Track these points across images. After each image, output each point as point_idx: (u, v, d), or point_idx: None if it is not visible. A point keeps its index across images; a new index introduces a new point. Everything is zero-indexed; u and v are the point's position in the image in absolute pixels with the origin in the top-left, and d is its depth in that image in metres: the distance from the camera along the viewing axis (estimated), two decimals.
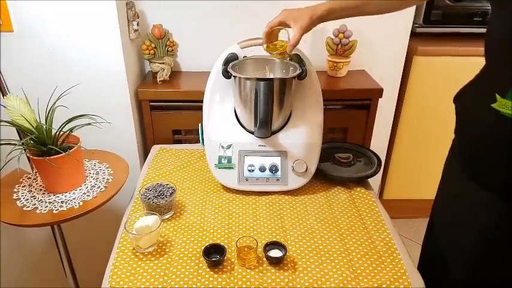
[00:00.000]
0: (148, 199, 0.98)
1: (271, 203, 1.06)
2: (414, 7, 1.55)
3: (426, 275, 0.87)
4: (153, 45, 1.42)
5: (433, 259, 0.98)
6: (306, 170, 1.09)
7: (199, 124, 1.15)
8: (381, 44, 1.58)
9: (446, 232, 0.92)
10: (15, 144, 0.96)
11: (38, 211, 0.98)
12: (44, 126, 1.00)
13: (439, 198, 0.97)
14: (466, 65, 1.53)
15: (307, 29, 0.96)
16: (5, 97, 0.98)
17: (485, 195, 0.79)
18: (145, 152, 1.48)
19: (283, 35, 1.03)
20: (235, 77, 1.04)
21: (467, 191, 0.83)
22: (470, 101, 0.81)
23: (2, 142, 0.97)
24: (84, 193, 1.04)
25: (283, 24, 0.99)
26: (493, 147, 0.75)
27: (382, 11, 0.99)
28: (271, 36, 1.03)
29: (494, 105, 0.71)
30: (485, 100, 0.73)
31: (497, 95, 0.70)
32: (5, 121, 0.98)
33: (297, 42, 0.98)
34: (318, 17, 0.96)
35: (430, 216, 1.00)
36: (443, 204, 0.95)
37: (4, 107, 0.96)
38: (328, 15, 0.97)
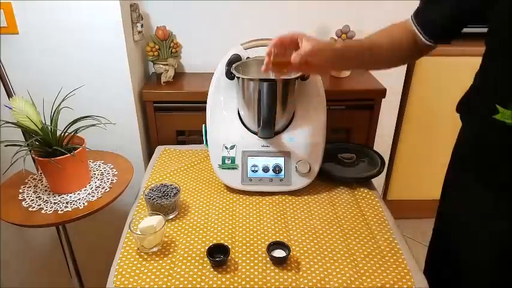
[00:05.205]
0: (153, 199, 0.99)
1: (274, 203, 1.07)
2: None
3: (432, 278, 0.86)
4: (157, 46, 1.43)
5: (440, 261, 0.97)
6: (309, 170, 1.09)
7: (203, 125, 1.15)
8: None
9: (454, 236, 0.91)
10: (20, 146, 0.97)
11: (43, 211, 0.99)
12: (49, 128, 1.01)
13: (445, 202, 0.95)
14: (469, 64, 1.52)
15: (318, 47, 0.84)
16: (10, 99, 0.99)
17: (490, 196, 0.79)
18: (149, 153, 1.49)
19: None
20: (238, 78, 1.04)
21: (473, 193, 0.83)
22: (471, 111, 0.82)
23: (8, 143, 0.98)
24: (89, 193, 1.05)
25: (293, 38, 0.85)
26: (495, 154, 0.76)
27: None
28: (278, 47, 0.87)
29: (497, 116, 0.70)
30: (487, 110, 0.72)
31: (498, 106, 0.69)
32: (11, 122, 0.99)
33: (305, 54, 0.83)
34: (332, 48, 0.87)
35: (435, 220, 0.99)
36: (449, 208, 0.94)
37: (10, 108, 0.97)
38: (339, 53, 0.87)
